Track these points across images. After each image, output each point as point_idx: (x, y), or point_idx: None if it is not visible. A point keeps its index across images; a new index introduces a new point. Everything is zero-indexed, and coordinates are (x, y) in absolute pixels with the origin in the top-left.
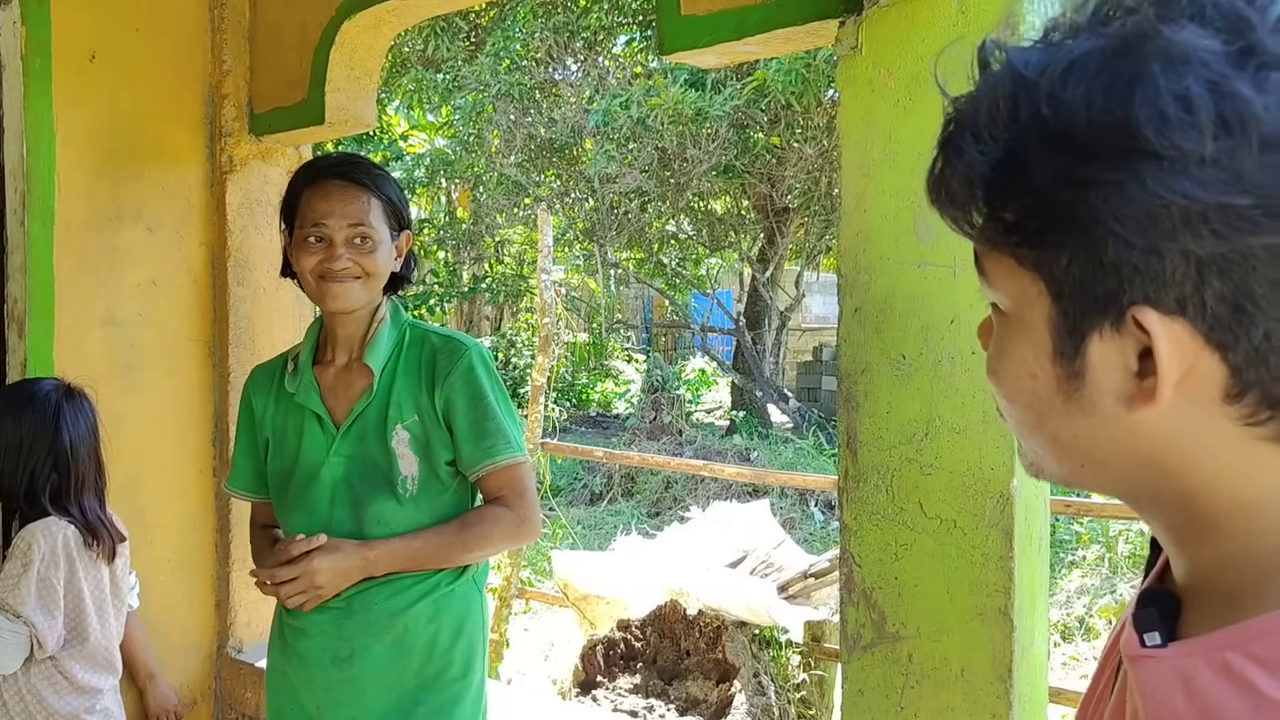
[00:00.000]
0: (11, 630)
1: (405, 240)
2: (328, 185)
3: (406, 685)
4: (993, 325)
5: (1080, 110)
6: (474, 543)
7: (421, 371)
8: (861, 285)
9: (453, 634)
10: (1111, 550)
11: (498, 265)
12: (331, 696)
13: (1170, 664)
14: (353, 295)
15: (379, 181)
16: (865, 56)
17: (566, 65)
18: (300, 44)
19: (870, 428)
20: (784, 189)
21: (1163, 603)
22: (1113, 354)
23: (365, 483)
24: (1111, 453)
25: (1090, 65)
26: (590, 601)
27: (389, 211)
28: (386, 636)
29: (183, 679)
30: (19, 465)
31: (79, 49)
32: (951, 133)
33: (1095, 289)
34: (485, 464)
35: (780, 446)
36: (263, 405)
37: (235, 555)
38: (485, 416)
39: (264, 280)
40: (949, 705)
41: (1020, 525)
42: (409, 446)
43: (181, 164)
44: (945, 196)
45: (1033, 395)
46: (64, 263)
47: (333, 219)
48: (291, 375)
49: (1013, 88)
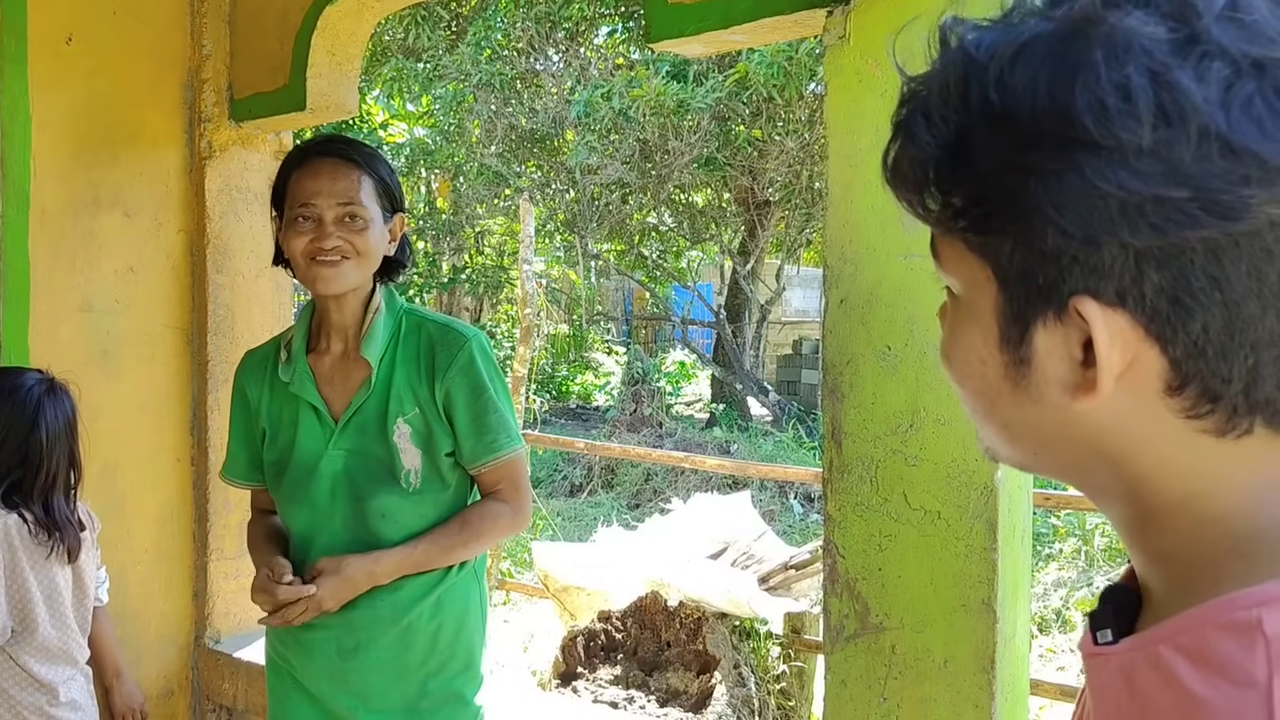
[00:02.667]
0: None
1: (399, 223)
2: (316, 164)
3: (410, 678)
4: (947, 309)
5: (1025, 96)
6: (474, 541)
7: (420, 363)
8: (847, 276)
9: (455, 626)
10: (1088, 544)
11: (478, 256)
12: (335, 684)
13: (1116, 660)
14: (344, 276)
15: (370, 159)
16: (853, 46)
17: (548, 56)
18: (282, 29)
19: (855, 419)
20: (765, 182)
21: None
22: (1057, 343)
23: (367, 476)
24: (1060, 441)
25: (1038, 50)
26: (571, 593)
27: (380, 191)
28: (392, 629)
29: (160, 669)
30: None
31: (55, 31)
32: (906, 114)
33: (1038, 278)
34: (488, 459)
35: (760, 439)
36: (257, 394)
37: (213, 545)
38: (486, 410)
39: (243, 268)
40: (932, 696)
41: (1004, 517)
42: (410, 440)
43: (160, 149)
44: (899, 179)
45: (982, 380)
46: (40, 248)
47: (321, 197)
48: (285, 364)
49: (964, 70)
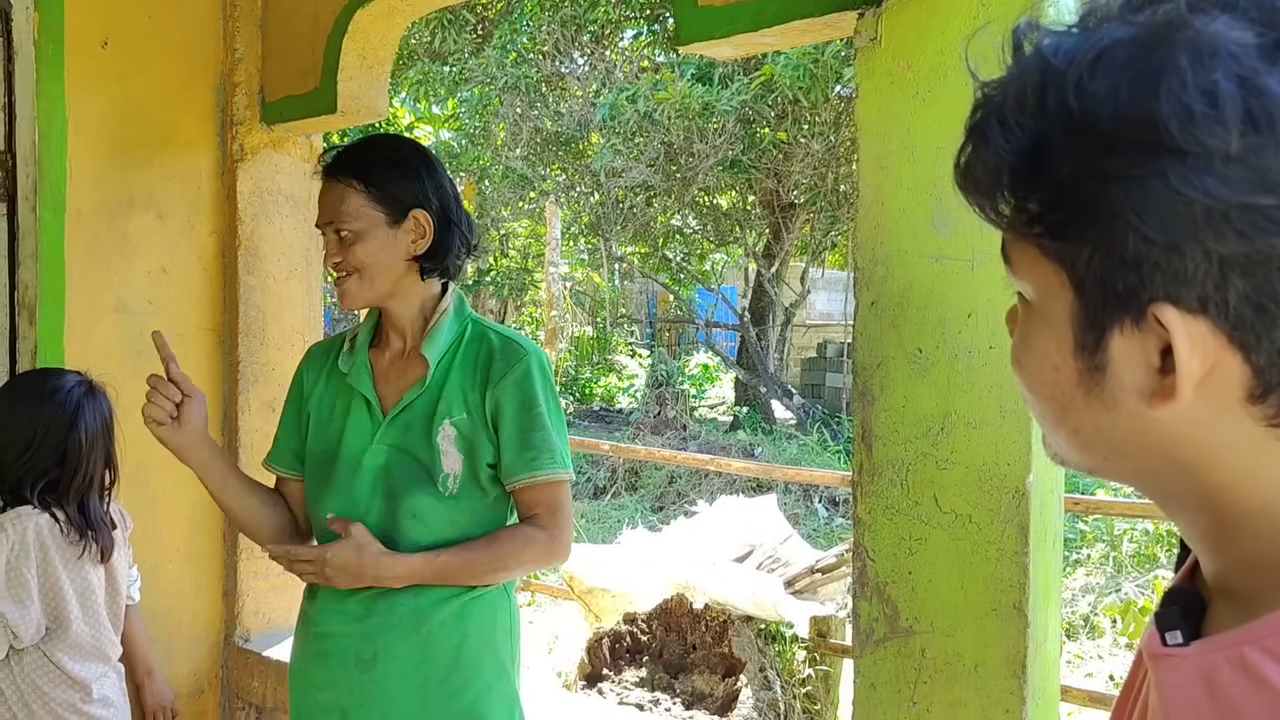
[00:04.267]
0: None
1: (418, 219)
2: (324, 183)
3: (432, 692)
4: (1019, 314)
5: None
6: (501, 563)
7: (477, 369)
8: (878, 278)
9: (481, 640)
10: (1116, 549)
11: (502, 259)
12: (356, 698)
13: (1191, 662)
14: (350, 292)
15: (362, 169)
16: (884, 48)
17: (573, 59)
18: (313, 32)
19: (885, 421)
20: (790, 184)
21: (1187, 601)
22: (1134, 350)
23: (404, 475)
24: (1134, 448)
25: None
26: (596, 594)
27: (376, 198)
28: (411, 639)
29: (190, 667)
30: (23, 458)
31: (92, 35)
32: (979, 119)
33: (1116, 284)
34: (525, 476)
35: (784, 442)
36: (313, 381)
37: (243, 545)
38: (533, 426)
39: (274, 269)
40: (962, 700)
41: (1035, 521)
42: (454, 444)
43: (193, 152)
44: (971, 184)
45: (1055, 387)
46: (75, 250)
47: (322, 219)
48: (347, 355)
49: (1041, 76)
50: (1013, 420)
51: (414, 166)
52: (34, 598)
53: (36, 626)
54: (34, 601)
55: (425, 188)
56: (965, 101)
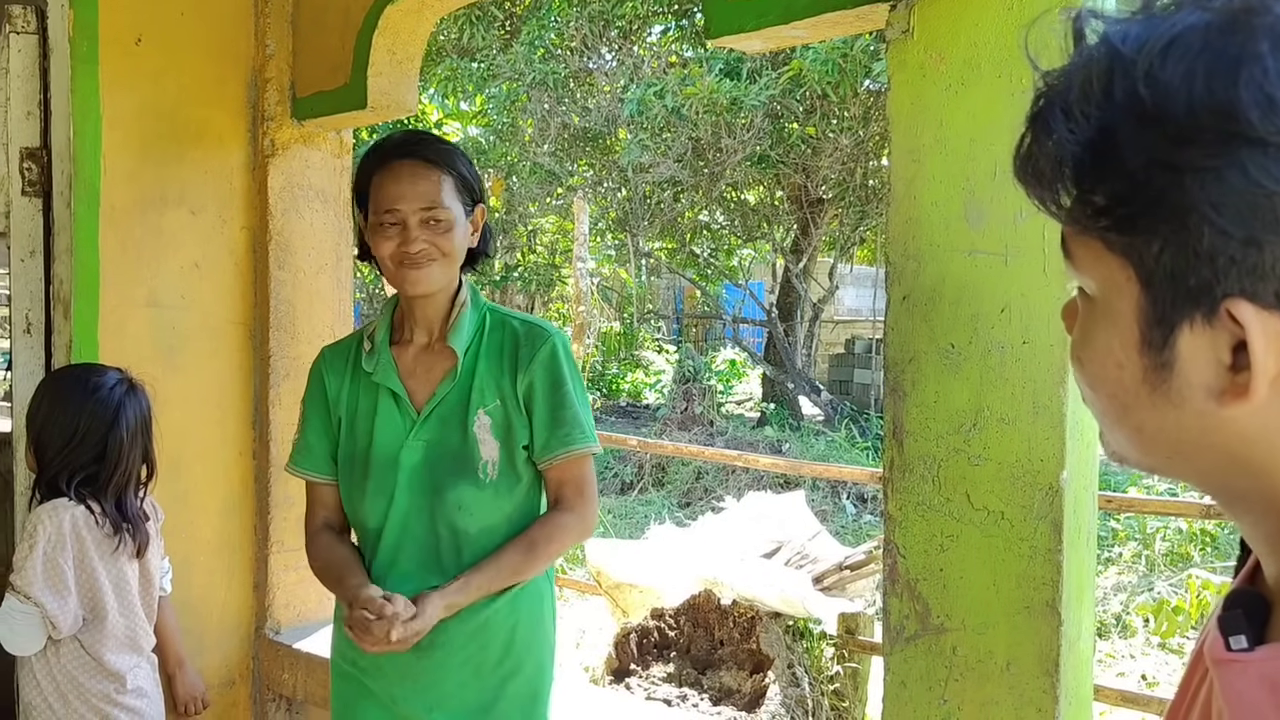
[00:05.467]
0: (23, 612)
1: (480, 214)
2: (397, 167)
3: (487, 678)
4: (1078, 309)
5: (1180, 90)
6: (543, 559)
7: (504, 356)
8: (910, 273)
9: (531, 627)
10: (1149, 547)
11: (530, 254)
12: (409, 686)
13: (1258, 668)
14: (432, 278)
15: (448, 157)
16: (917, 40)
17: (601, 54)
18: (343, 28)
19: (917, 417)
20: (819, 180)
21: (1251, 605)
22: (1204, 346)
23: (444, 469)
24: (1199, 447)
25: (1193, 42)
26: (623, 590)
27: (460, 187)
28: (468, 626)
29: (221, 659)
30: (63, 453)
31: (126, 32)
32: (1041, 109)
33: (1188, 279)
34: (560, 452)
35: (812, 439)
36: (337, 385)
37: (274, 538)
38: (563, 405)
39: (304, 264)
40: (994, 699)
41: (1069, 518)
42: (490, 432)
43: (224, 147)
44: (1032, 175)
45: (1118, 384)
46: (109, 245)
47: (404, 202)
48: (369, 355)
49: (1108, 63)
50: (1046, 416)
51: (472, 164)
52: (71, 589)
53: (74, 617)
54: (71, 593)
55: (481, 186)
56: (999, 94)
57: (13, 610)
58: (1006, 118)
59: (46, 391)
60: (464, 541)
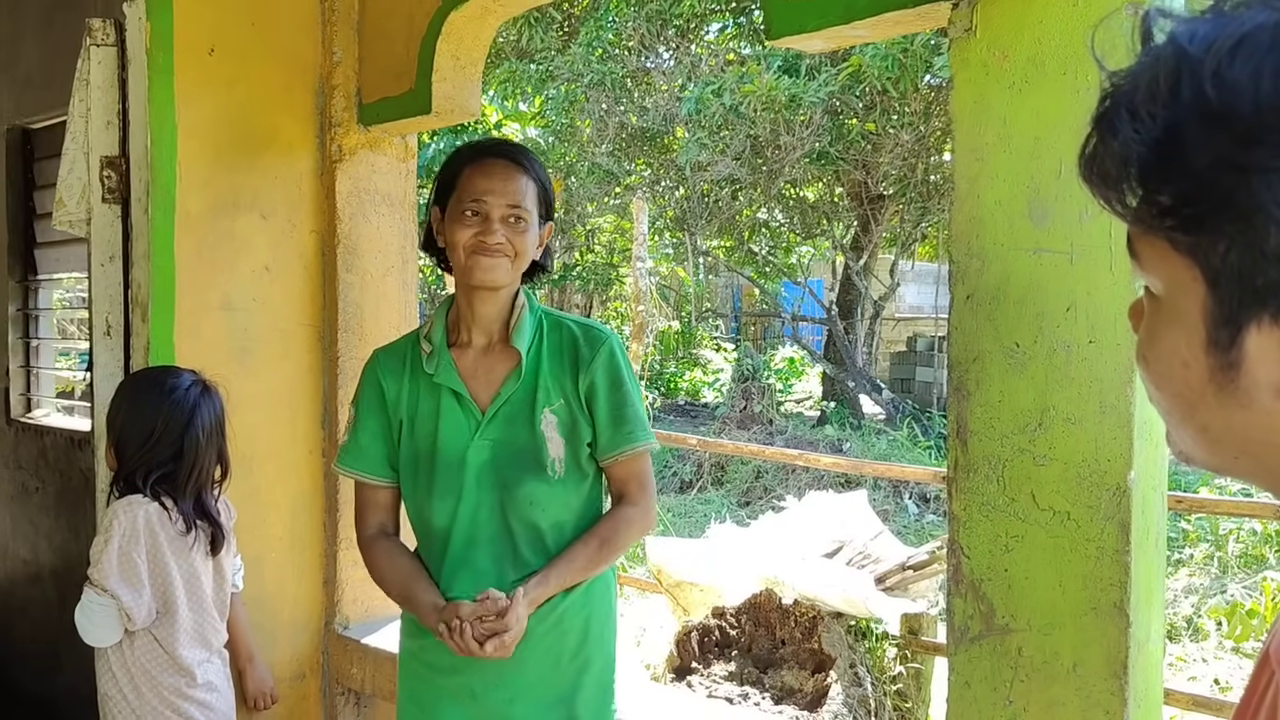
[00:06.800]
0: (100, 604)
1: (548, 231)
2: (490, 164)
3: (566, 666)
4: (1144, 308)
5: (1247, 90)
6: (613, 552)
7: (564, 357)
8: (974, 272)
9: (602, 620)
10: (1221, 549)
11: (588, 254)
12: (490, 679)
13: None
14: (500, 270)
15: (535, 167)
16: (980, 39)
17: (659, 53)
18: (408, 34)
19: (981, 417)
20: (879, 176)
21: None
22: (1271, 346)
23: (513, 466)
24: (1266, 447)
25: (1261, 41)
26: (684, 588)
27: (540, 198)
28: (547, 620)
29: (291, 653)
30: (140, 451)
31: (199, 43)
32: (1107, 109)
33: (1255, 279)
34: (623, 449)
35: (873, 438)
36: (396, 388)
37: (342, 535)
38: (624, 403)
39: (371, 267)
40: (1060, 700)
41: (1137, 519)
42: (557, 430)
43: (293, 153)
44: (1097, 175)
45: (1184, 384)
46: (184, 250)
47: (493, 196)
48: (429, 357)
49: (1175, 63)
50: (1113, 416)
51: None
52: (145, 582)
53: (148, 610)
54: (145, 586)
55: (554, 203)
56: (1064, 91)
57: (91, 602)
58: (1071, 115)
59: (125, 393)
60: (539, 536)
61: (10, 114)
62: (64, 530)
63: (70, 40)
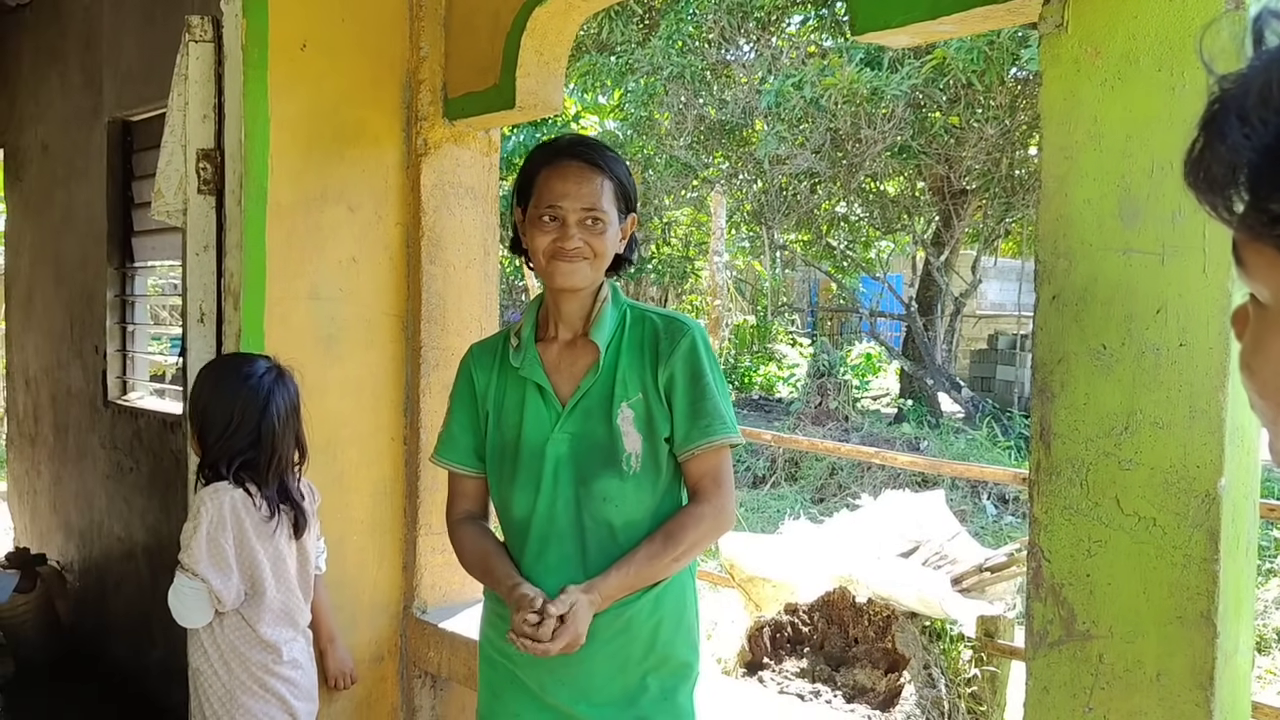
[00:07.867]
0: (191, 587)
1: (630, 223)
2: (565, 167)
3: (631, 672)
4: (1249, 315)
5: None
6: (680, 548)
7: (645, 349)
8: (1061, 272)
9: (674, 623)
10: None
11: (664, 247)
12: (558, 676)
13: None
14: (580, 274)
15: (612, 164)
16: (1072, 35)
17: (739, 46)
18: (493, 30)
19: (1066, 419)
20: (962, 170)
21: None
22: None
23: (590, 460)
24: None
25: None
26: (756, 583)
27: (619, 194)
28: (615, 622)
29: (371, 635)
30: (222, 440)
31: (292, 38)
32: (1215, 113)
33: None
34: (701, 443)
35: (951, 437)
36: (485, 380)
37: (422, 520)
38: (703, 396)
39: (454, 259)
40: (1142, 710)
41: (1227, 527)
42: (633, 424)
43: (380, 147)
44: (1204, 180)
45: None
46: (275, 240)
47: (568, 200)
48: (516, 351)
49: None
50: (1203, 421)
51: (630, 174)
52: (233, 566)
53: (237, 593)
54: (233, 570)
55: (636, 195)
56: (1158, 89)
57: (183, 586)
58: (1165, 113)
59: (204, 381)
60: (611, 535)
61: (112, 106)
62: (156, 510)
63: (170, 36)
